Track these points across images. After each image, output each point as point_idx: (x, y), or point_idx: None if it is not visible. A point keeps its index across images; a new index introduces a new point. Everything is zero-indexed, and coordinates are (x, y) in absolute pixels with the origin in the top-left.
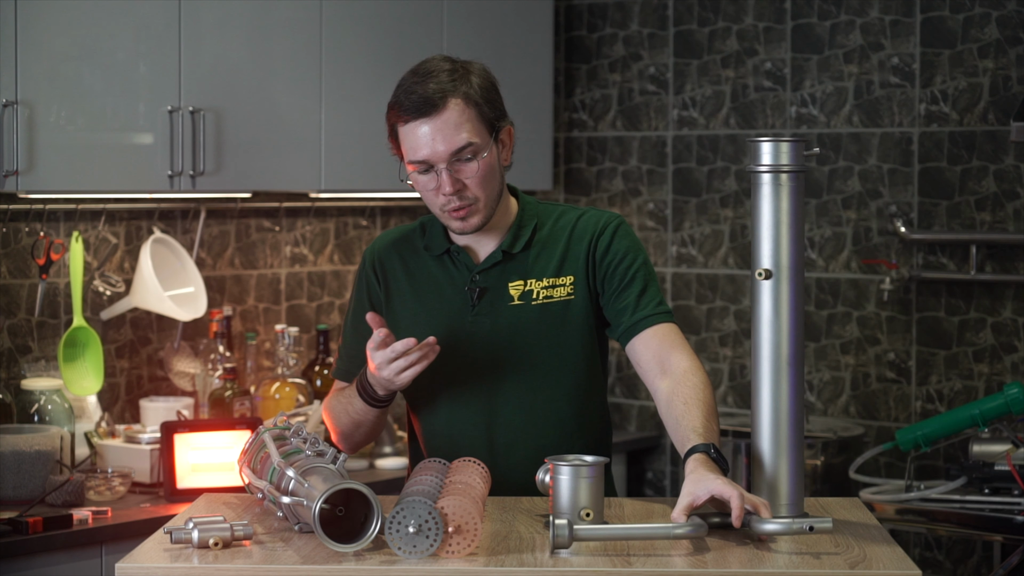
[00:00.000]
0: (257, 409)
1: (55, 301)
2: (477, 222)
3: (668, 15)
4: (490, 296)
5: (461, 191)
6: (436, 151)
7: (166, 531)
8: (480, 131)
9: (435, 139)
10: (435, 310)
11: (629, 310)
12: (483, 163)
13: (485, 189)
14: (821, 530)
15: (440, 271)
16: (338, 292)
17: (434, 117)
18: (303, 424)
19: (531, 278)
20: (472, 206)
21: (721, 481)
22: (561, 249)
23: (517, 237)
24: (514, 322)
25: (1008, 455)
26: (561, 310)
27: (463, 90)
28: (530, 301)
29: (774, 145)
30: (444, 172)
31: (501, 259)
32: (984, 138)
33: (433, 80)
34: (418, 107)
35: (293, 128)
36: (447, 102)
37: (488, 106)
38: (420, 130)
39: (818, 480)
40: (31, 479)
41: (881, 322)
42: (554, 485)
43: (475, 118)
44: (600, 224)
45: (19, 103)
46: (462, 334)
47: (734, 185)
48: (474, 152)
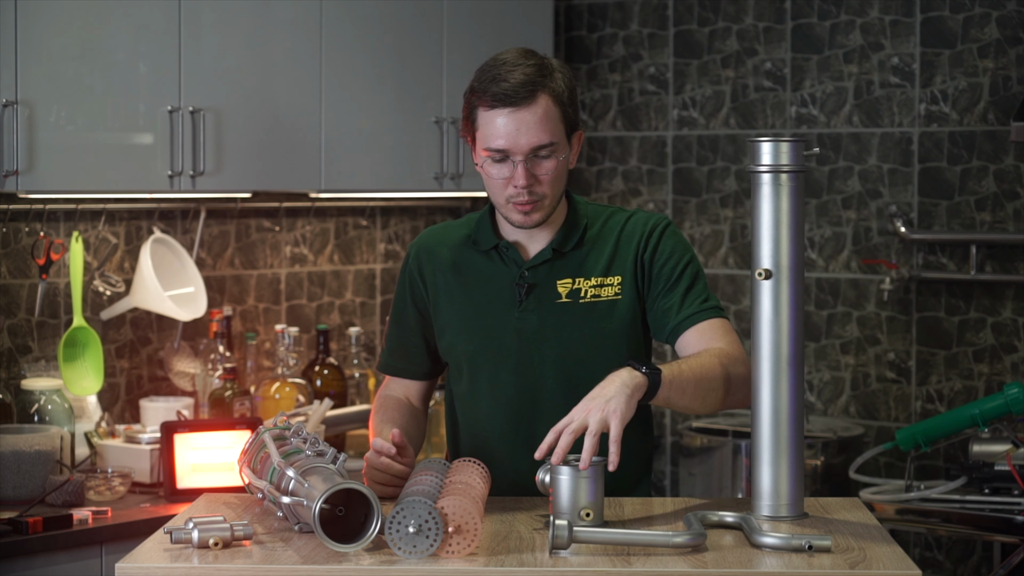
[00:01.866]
0: (257, 409)
1: (55, 301)
2: (539, 218)
3: (668, 15)
4: (538, 293)
5: (532, 186)
6: (518, 143)
7: (166, 531)
8: (560, 131)
9: (519, 131)
10: (482, 305)
11: (675, 309)
12: (559, 163)
13: (554, 188)
14: (820, 548)
15: (488, 266)
16: (338, 292)
17: (522, 109)
18: (303, 424)
19: (580, 276)
20: (539, 202)
21: (583, 404)
22: (610, 249)
23: (568, 236)
24: (561, 319)
25: (1008, 455)
26: (608, 309)
27: (552, 87)
28: (578, 299)
29: (774, 145)
30: (520, 165)
31: (551, 257)
32: (984, 138)
33: (523, 71)
34: (508, 95)
35: (293, 128)
36: (537, 96)
37: (571, 108)
38: (504, 119)
39: (818, 480)
40: (31, 479)
41: (881, 322)
42: (553, 485)
43: (558, 117)
44: (648, 226)
45: (19, 103)
46: (509, 329)
47: (734, 185)
48: (552, 151)
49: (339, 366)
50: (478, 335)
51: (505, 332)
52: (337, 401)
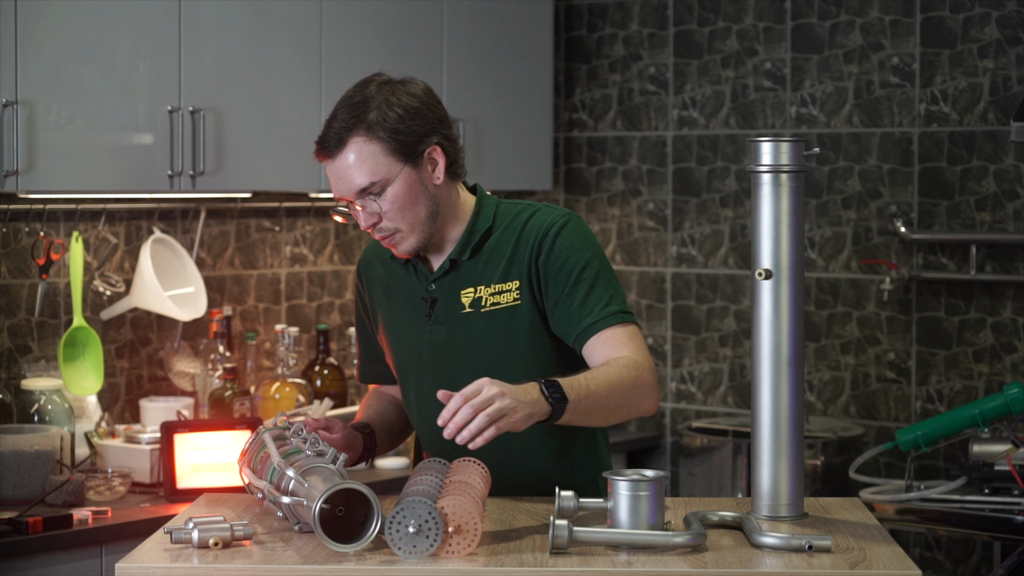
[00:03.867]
0: (257, 409)
1: (55, 301)
2: (408, 247)
3: (668, 15)
4: (443, 305)
5: (377, 224)
6: (343, 188)
7: (166, 531)
8: (385, 164)
9: (339, 180)
10: (403, 319)
11: (575, 318)
12: (392, 194)
13: (405, 218)
14: (820, 548)
15: (406, 280)
16: (338, 292)
17: (337, 157)
18: (303, 424)
19: (480, 285)
20: (395, 235)
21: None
22: (508, 253)
23: (466, 244)
24: (466, 330)
25: (1008, 455)
26: (508, 316)
27: (363, 127)
28: (479, 308)
29: (774, 145)
30: (356, 208)
31: (450, 268)
32: (984, 138)
33: (337, 118)
34: (323, 150)
35: (293, 128)
36: (345, 143)
37: (396, 136)
38: (329, 170)
39: (818, 480)
40: (31, 479)
41: (881, 322)
42: (612, 500)
43: (379, 152)
44: (544, 227)
45: (19, 103)
46: (424, 342)
47: (734, 185)
48: (380, 188)
49: (339, 366)
50: (402, 348)
51: (422, 345)
52: (337, 401)
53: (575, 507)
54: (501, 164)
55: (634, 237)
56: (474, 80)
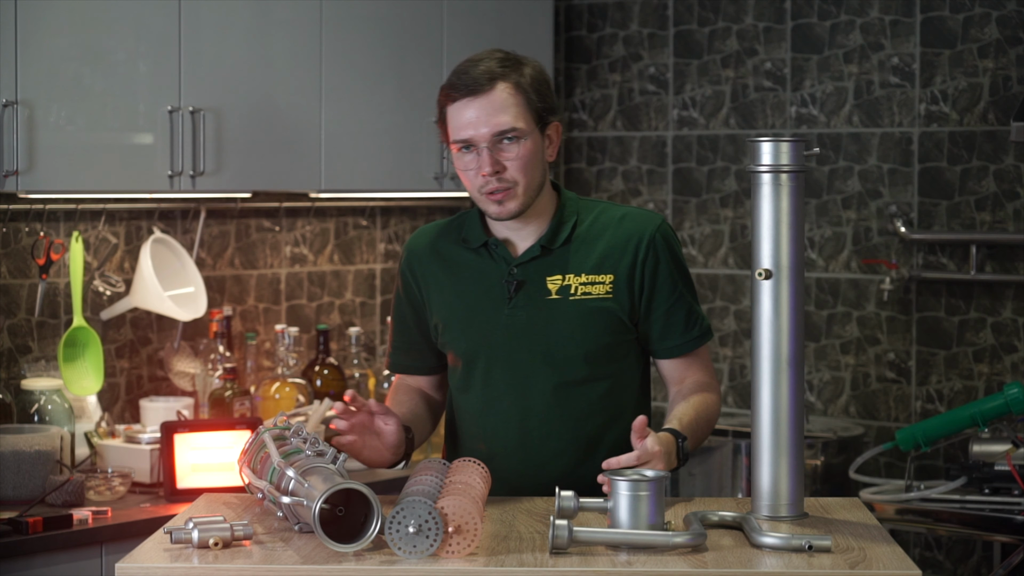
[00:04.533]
0: (257, 409)
1: (55, 301)
2: (514, 207)
3: (668, 15)
4: (527, 289)
5: (500, 173)
6: (479, 131)
7: (166, 531)
8: (525, 118)
9: (479, 118)
10: (472, 303)
11: (678, 330)
12: (525, 148)
13: (525, 174)
14: (820, 548)
15: (478, 263)
16: (338, 292)
17: (480, 97)
18: (303, 424)
19: (569, 273)
20: (510, 190)
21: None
22: (602, 246)
23: (557, 232)
24: (550, 316)
25: (1008, 455)
26: (598, 307)
27: (513, 77)
28: (567, 296)
29: (774, 145)
30: (485, 151)
31: (539, 253)
32: (984, 138)
33: (484, 63)
34: (467, 86)
35: (293, 128)
36: (495, 84)
37: (537, 96)
38: (466, 109)
39: (818, 480)
40: (31, 479)
41: (881, 322)
42: (613, 500)
43: (522, 104)
44: (649, 231)
45: (19, 103)
46: (499, 326)
47: (734, 185)
48: (517, 136)
49: (339, 366)
50: (470, 332)
51: (496, 329)
52: (337, 401)
53: (575, 507)
54: None
55: None
56: None
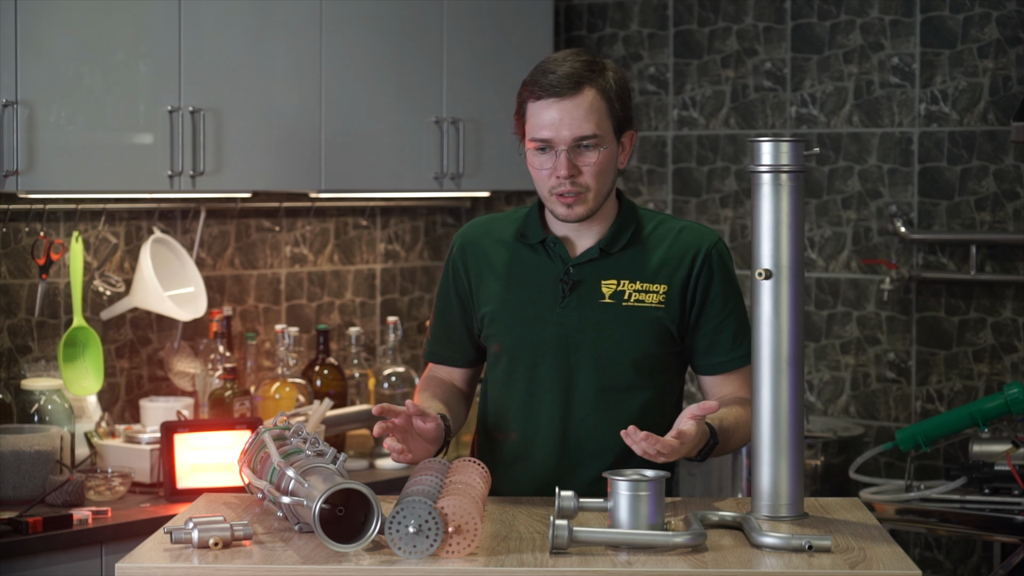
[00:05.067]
0: (257, 409)
1: (55, 301)
2: (582, 211)
3: (668, 15)
4: (582, 291)
5: (575, 177)
6: (560, 133)
7: (166, 531)
8: (606, 125)
9: (562, 120)
10: (525, 298)
11: (724, 347)
12: (602, 155)
13: (598, 181)
14: (820, 548)
15: (534, 260)
16: (338, 292)
17: (567, 99)
18: (303, 424)
19: (625, 279)
20: (582, 195)
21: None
22: (659, 256)
23: (617, 236)
24: (601, 320)
25: (1008, 455)
26: (649, 316)
27: (600, 82)
28: (620, 301)
29: (774, 145)
30: (563, 154)
31: (597, 256)
32: (984, 138)
33: (571, 65)
34: (554, 87)
35: (293, 128)
36: (583, 88)
37: (619, 104)
38: (550, 110)
39: (818, 480)
40: (31, 479)
41: (881, 322)
42: (613, 500)
43: (605, 111)
44: (706, 246)
45: (19, 103)
46: (550, 324)
47: (734, 185)
48: (596, 143)
49: (339, 366)
50: (519, 328)
51: (546, 327)
52: (337, 401)
53: (575, 507)
54: (501, 164)
55: None
56: (474, 80)
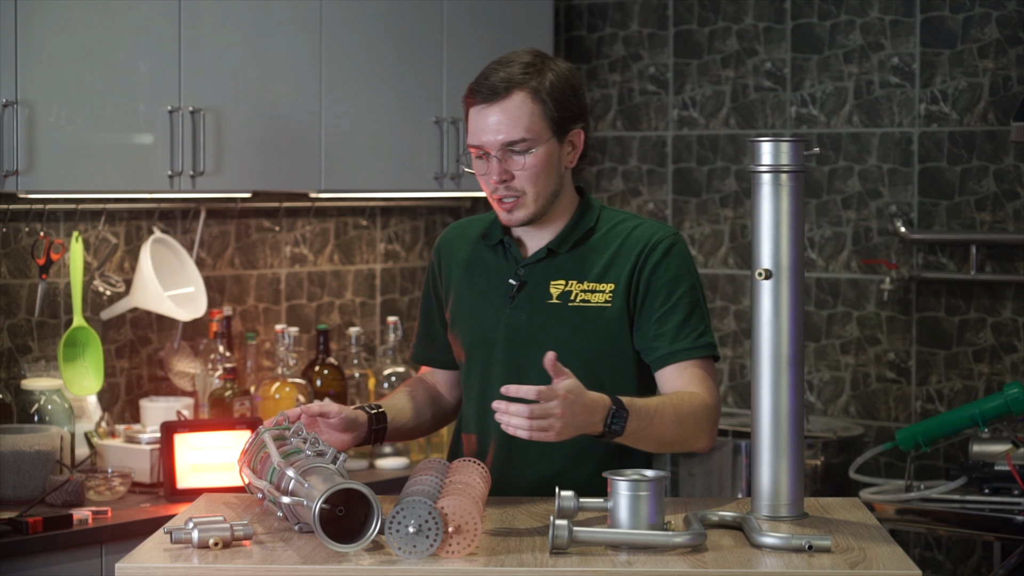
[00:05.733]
0: (257, 409)
1: (55, 301)
2: (523, 216)
3: (668, 15)
4: (530, 291)
5: (508, 182)
6: (490, 138)
7: (166, 531)
8: (539, 127)
9: (491, 126)
10: (481, 298)
11: (668, 338)
12: (535, 158)
13: (534, 184)
14: (820, 548)
15: (493, 260)
16: (338, 292)
17: (495, 104)
18: (303, 424)
19: (573, 279)
20: (519, 199)
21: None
22: (609, 255)
23: (567, 238)
24: (548, 320)
25: (1008, 455)
26: (596, 316)
27: (532, 84)
28: (567, 302)
29: (774, 145)
30: (495, 160)
31: (546, 256)
32: (984, 138)
33: (506, 69)
34: (483, 92)
35: (293, 128)
36: (511, 92)
37: (556, 105)
38: (482, 115)
39: (818, 480)
40: (31, 479)
41: (881, 322)
42: (613, 500)
43: (537, 113)
44: (654, 239)
45: (19, 103)
46: (500, 325)
47: (734, 185)
48: (527, 147)
49: (339, 366)
50: (474, 328)
51: (497, 328)
52: (337, 401)
53: (575, 507)
54: None
55: None
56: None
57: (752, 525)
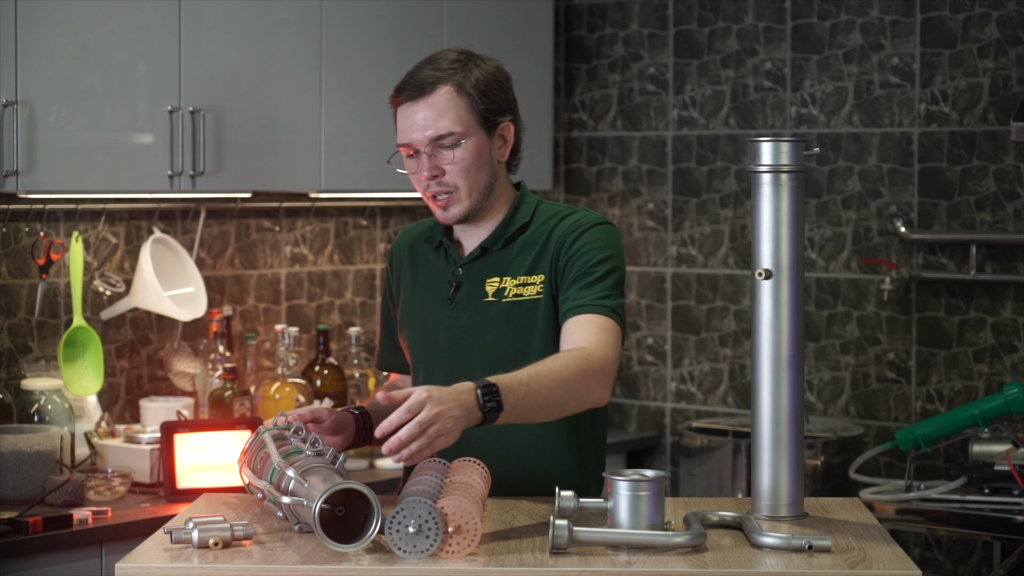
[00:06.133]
0: (257, 409)
1: (55, 301)
2: (458, 212)
3: (668, 15)
4: (467, 291)
5: (439, 177)
6: (418, 135)
7: (166, 531)
8: (467, 121)
9: (418, 122)
10: (425, 302)
11: (570, 299)
12: (464, 151)
13: (466, 179)
14: (820, 548)
15: (435, 263)
16: (338, 292)
17: (420, 101)
18: (303, 424)
19: (507, 276)
20: (452, 195)
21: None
22: (538, 248)
23: (501, 234)
24: (485, 319)
25: (1008, 455)
26: (530, 309)
27: (457, 79)
28: (501, 299)
29: (774, 145)
30: (424, 156)
31: (480, 255)
32: (984, 138)
33: (431, 66)
34: (407, 90)
35: (293, 128)
36: (436, 88)
37: (482, 98)
38: (408, 112)
39: (818, 480)
40: (31, 479)
41: (881, 322)
42: (613, 500)
43: (464, 107)
44: (576, 225)
45: (19, 103)
46: (442, 327)
47: (734, 185)
48: (455, 140)
49: (339, 366)
50: (419, 331)
51: (439, 329)
52: (337, 401)
53: (575, 507)
54: None
55: (634, 237)
56: None
57: (752, 525)
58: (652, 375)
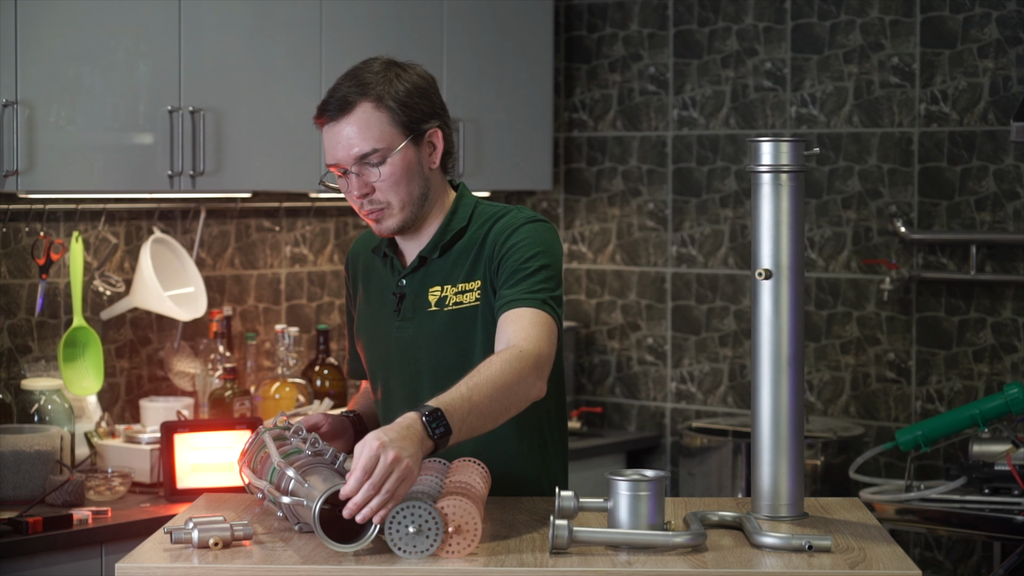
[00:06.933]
0: (257, 409)
1: (55, 301)
2: (393, 225)
3: (668, 15)
4: (411, 302)
5: (369, 195)
6: (343, 154)
7: (166, 531)
8: (390, 135)
9: (342, 142)
10: (375, 314)
11: (503, 296)
12: (390, 167)
13: (397, 193)
14: (820, 548)
15: (382, 273)
16: (338, 292)
17: (342, 120)
18: (303, 424)
19: (447, 284)
20: (384, 210)
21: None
22: (474, 253)
23: (438, 242)
24: (430, 329)
25: (1008, 455)
26: (470, 316)
27: (376, 92)
28: (443, 308)
29: (774, 145)
30: (352, 176)
31: (419, 264)
32: (984, 138)
33: (350, 82)
34: (326, 111)
35: (293, 128)
36: (356, 105)
37: (403, 109)
38: (332, 132)
39: (818, 480)
40: (31, 479)
41: (881, 322)
42: (613, 500)
43: (386, 122)
44: (511, 224)
45: (19, 103)
46: (391, 339)
47: (734, 185)
48: (380, 157)
49: (339, 366)
50: (372, 343)
51: (390, 341)
52: (337, 401)
53: (575, 507)
54: (501, 164)
55: (634, 237)
56: (474, 80)
57: (752, 525)
58: (652, 375)
